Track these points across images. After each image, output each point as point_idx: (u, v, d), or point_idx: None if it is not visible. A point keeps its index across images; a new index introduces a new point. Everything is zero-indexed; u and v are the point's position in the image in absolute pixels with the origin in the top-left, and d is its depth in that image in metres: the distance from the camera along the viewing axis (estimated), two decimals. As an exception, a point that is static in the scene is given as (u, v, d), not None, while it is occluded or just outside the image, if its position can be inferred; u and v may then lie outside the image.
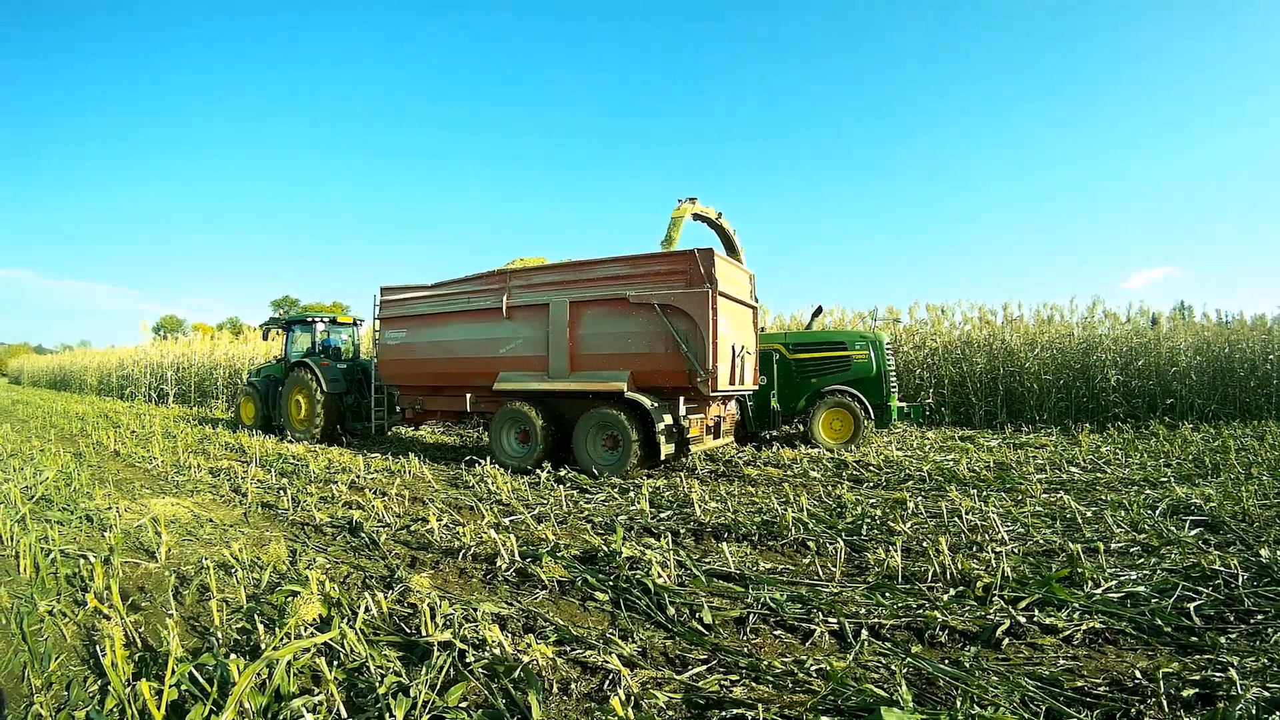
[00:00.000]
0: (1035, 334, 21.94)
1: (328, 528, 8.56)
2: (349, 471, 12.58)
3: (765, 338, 17.31)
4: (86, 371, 56.81)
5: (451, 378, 15.42)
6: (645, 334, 12.60)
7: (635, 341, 12.71)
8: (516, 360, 14.08)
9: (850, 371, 16.67)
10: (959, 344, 22.63)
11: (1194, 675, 4.03)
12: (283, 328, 22.13)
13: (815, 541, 7.34)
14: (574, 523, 8.66)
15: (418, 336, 15.96)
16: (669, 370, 12.38)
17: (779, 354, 17.21)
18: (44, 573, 6.38)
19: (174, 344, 44.83)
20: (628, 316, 12.76)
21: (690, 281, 12.23)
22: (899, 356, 23.02)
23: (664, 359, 12.40)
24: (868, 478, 11.32)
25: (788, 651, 4.73)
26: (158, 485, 11.64)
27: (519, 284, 14.13)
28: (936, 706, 3.79)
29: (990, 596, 5.42)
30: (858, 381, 16.55)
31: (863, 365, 16.59)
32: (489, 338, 14.49)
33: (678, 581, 6.10)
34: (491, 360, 14.39)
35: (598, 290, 13.11)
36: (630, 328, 12.75)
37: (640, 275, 12.77)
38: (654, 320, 12.46)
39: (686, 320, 12.15)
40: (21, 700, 4.21)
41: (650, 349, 12.55)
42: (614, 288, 12.91)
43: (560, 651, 4.64)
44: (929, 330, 23.37)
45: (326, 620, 5.00)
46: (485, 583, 6.44)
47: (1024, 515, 8.09)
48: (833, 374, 16.80)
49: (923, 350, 22.98)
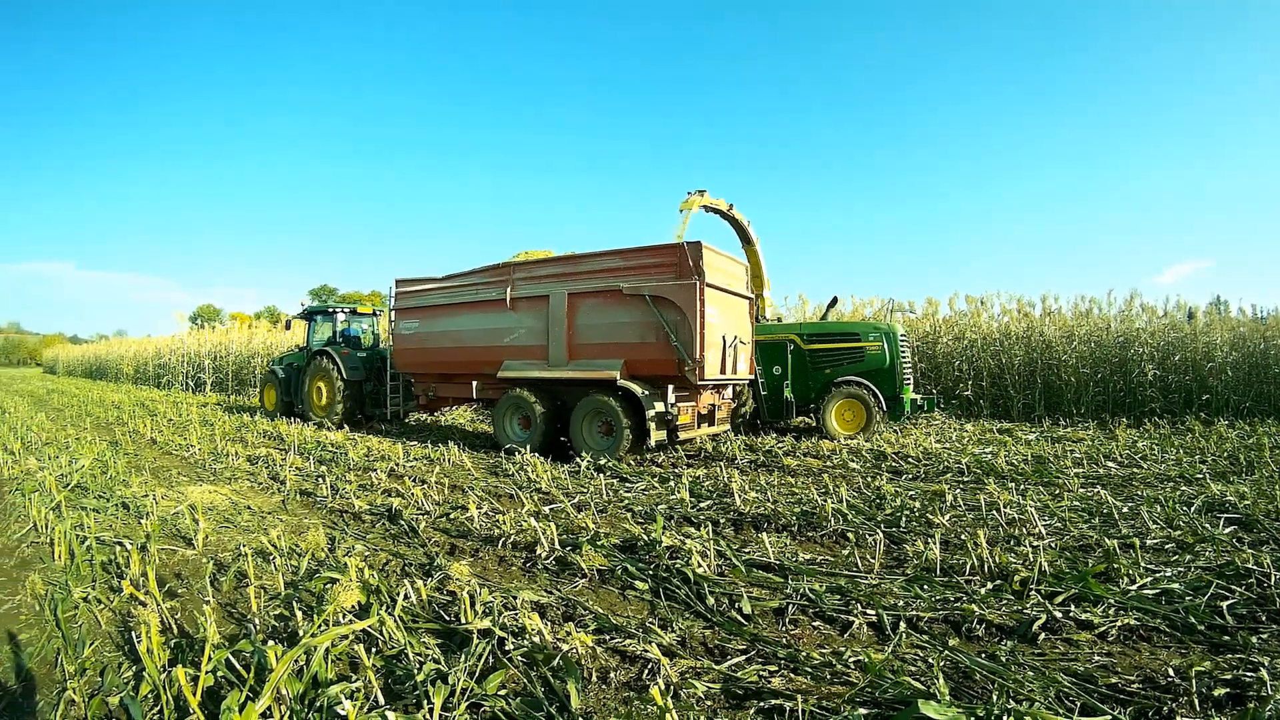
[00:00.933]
0: (1073, 326, 21.72)
1: (366, 515, 8.60)
2: (388, 459, 12.66)
3: (780, 328, 17.96)
4: (123, 361, 57.09)
5: (461, 365, 16.26)
6: (637, 324, 13.14)
7: (628, 331, 13.28)
8: (519, 349, 14.77)
9: (864, 363, 16.87)
10: (998, 336, 22.43)
11: (1225, 674, 4.01)
12: (305, 318, 23.16)
13: (854, 533, 7.32)
14: (614, 512, 8.67)
15: (430, 326, 16.83)
16: (659, 359, 12.91)
17: (794, 344, 17.44)
18: (79, 560, 6.42)
19: (211, 333, 45.21)
20: (621, 307, 13.33)
21: (679, 274, 12.73)
22: (937, 348, 23.13)
23: (655, 348, 12.92)
24: (907, 469, 11.31)
25: (826, 643, 4.73)
26: (195, 473, 11.71)
27: (521, 276, 14.84)
28: (973, 700, 3.78)
29: (1027, 591, 5.40)
30: (871, 373, 16.73)
31: (876, 356, 16.76)
32: (494, 327, 15.21)
33: (717, 571, 6.11)
34: (497, 349, 15.12)
35: (593, 282, 13.72)
36: (623, 318, 13.33)
37: (633, 268, 13.34)
38: (645, 311, 12.97)
39: (675, 311, 12.63)
40: (54, 686, 4.24)
41: (642, 339, 13.10)
42: (608, 280, 13.50)
43: (600, 640, 4.64)
44: (968, 322, 23.17)
45: (365, 607, 5.03)
46: (525, 571, 6.45)
47: (1061, 509, 8.04)
48: (846, 365, 17.02)
49: (962, 342, 22.80)
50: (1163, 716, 3.65)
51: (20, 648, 4.81)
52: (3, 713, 3.97)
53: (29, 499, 8.63)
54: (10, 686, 4.27)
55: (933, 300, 24.05)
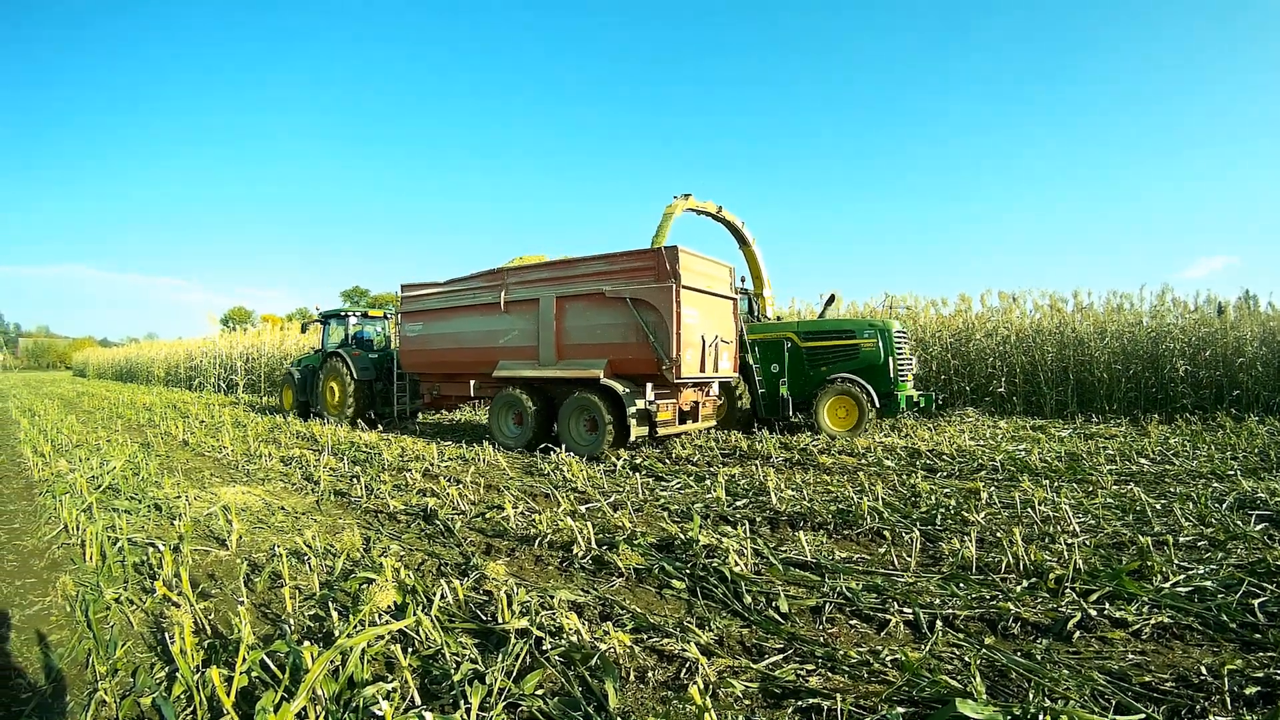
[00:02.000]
0: (1105, 322, 21.57)
1: (402, 515, 8.62)
2: (423, 460, 12.71)
3: (778, 326, 18.33)
4: (154, 363, 57.42)
5: (460, 366, 17.26)
6: (619, 325, 13.86)
7: (611, 332, 14.01)
8: (513, 350, 15.65)
9: (858, 360, 17.00)
10: (1031, 332, 22.31)
11: (1257, 673, 3.99)
12: (320, 321, 24.23)
13: (890, 531, 7.32)
14: (650, 510, 8.68)
15: (432, 328, 17.86)
16: (640, 359, 13.57)
17: (791, 342, 17.71)
18: (110, 561, 6.46)
19: (243, 335, 45.40)
20: (605, 310, 14.07)
21: (657, 277, 13.34)
22: (970, 344, 23.03)
23: (635, 348, 13.60)
24: (941, 467, 11.28)
25: (863, 641, 4.72)
26: (228, 474, 11.76)
27: (515, 280, 15.64)
28: (1009, 699, 3.79)
29: (1062, 589, 5.40)
30: (866, 369, 16.86)
31: (871, 353, 16.88)
32: (490, 329, 16.16)
33: (754, 570, 6.11)
34: (492, 350, 16.06)
35: (580, 286, 14.44)
36: (607, 320, 14.06)
37: (615, 272, 14.00)
38: (627, 313, 13.69)
39: (654, 312, 13.32)
40: (85, 687, 4.25)
41: (624, 339, 13.79)
42: (593, 284, 14.24)
43: (637, 639, 4.65)
44: (1000, 318, 23.07)
45: (401, 607, 5.07)
46: (561, 570, 6.46)
47: (1095, 507, 8.02)
48: (842, 362, 17.17)
49: (994, 338, 22.70)
50: (1195, 715, 3.65)
51: (50, 648, 4.84)
52: (33, 713, 3.99)
53: (60, 501, 8.72)
54: (40, 687, 4.29)
55: (965, 297, 23.95)
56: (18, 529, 8.14)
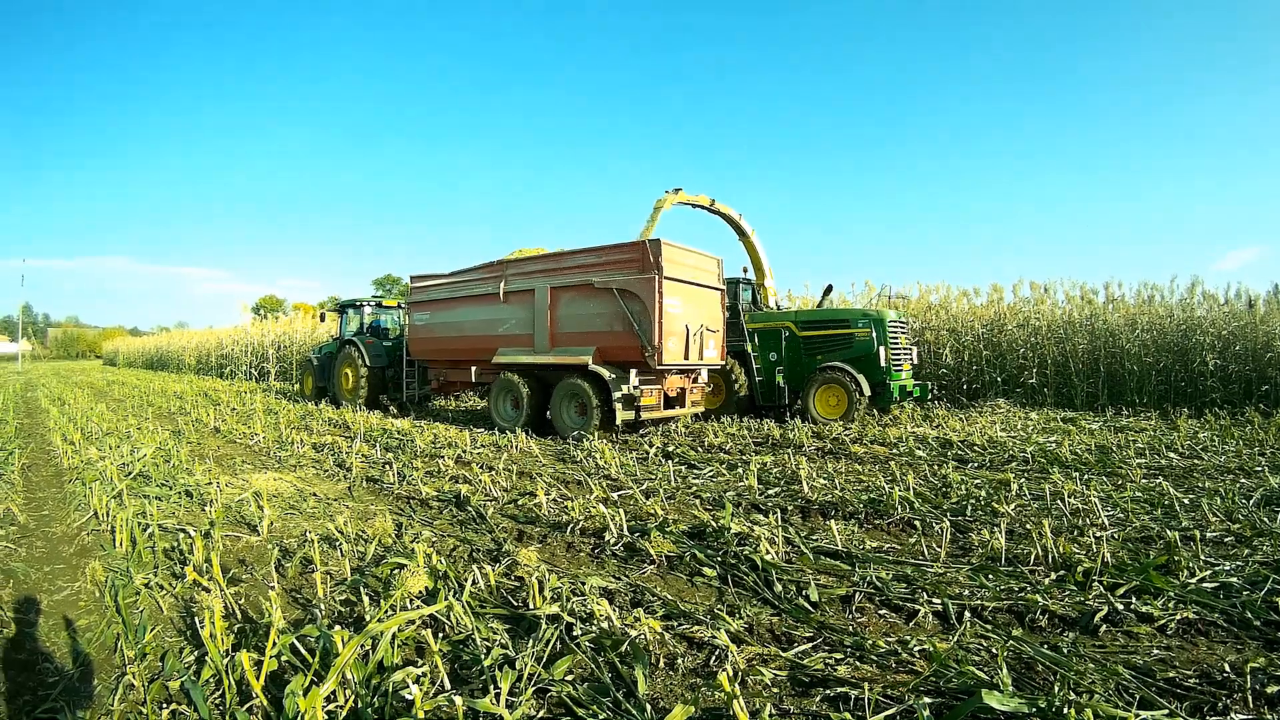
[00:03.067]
0: (1136, 314, 21.45)
1: (434, 502, 8.67)
2: (455, 446, 12.84)
3: (777, 316, 19.08)
4: (185, 352, 57.61)
5: (463, 353, 18.27)
6: (607, 314, 14.68)
7: (599, 321, 14.84)
8: (511, 338, 16.60)
9: (852, 349, 17.49)
10: (1062, 323, 22.22)
11: (1279, 671, 3.99)
12: (338, 311, 25.71)
13: (921, 521, 7.32)
14: (682, 498, 8.72)
15: (437, 318, 19.16)
16: (625, 346, 14.35)
17: (789, 331, 18.37)
18: (141, 547, 6.49)
19: (274, 323, 45.57)
20: (594, 299, 14.91)
21: (641, 268, 14.13)
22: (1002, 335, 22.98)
23: (622, 336, 14.39)
24: (973, 458, 11.28)
25: (892, 631, 4.75)
26: (259, 461, 11.83)
27: (513, 272, 16.66)
28: (1035, 691, 3.79)
29: (1090, 582, 5.39)
30: (859, 359, 17.32)
31: (864, 343, 17.35)
32: (490, 318, 17.16)
33: (785, 558, 6.13)
34: (492, 338, 17.03)
35: (571, 277, 15.36)
36: (596, 309, 14.90)
37: (604, 264, 14.87)
38: (613, 302, 14.49)
39: (638, 302, 14.10)
40: (113, 671, 4.28)
41: (611, 327, 14.61)
42: (583, 275, 15.12)
43: (667, 626, 4.68)
44: (1031, 309, 22.93)
45: (432, 593, 5.11)
46: (593, 557, 6.51)
47: (1124, 500, 7.98)
48: (837, 351, 17.69)
49: (1026, 329, 22.62)
50: (1217, 712, 3.65)
51: (78, 633, 4.88)
52: (59, 696, 4.01)
53: (89, 488, 8.77)
54: (67, 671, 4.32)
55: (997, 287, 23.87)
56: (47, 515, 8.21)
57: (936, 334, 23.60)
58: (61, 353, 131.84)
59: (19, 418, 19.16)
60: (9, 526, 7.55)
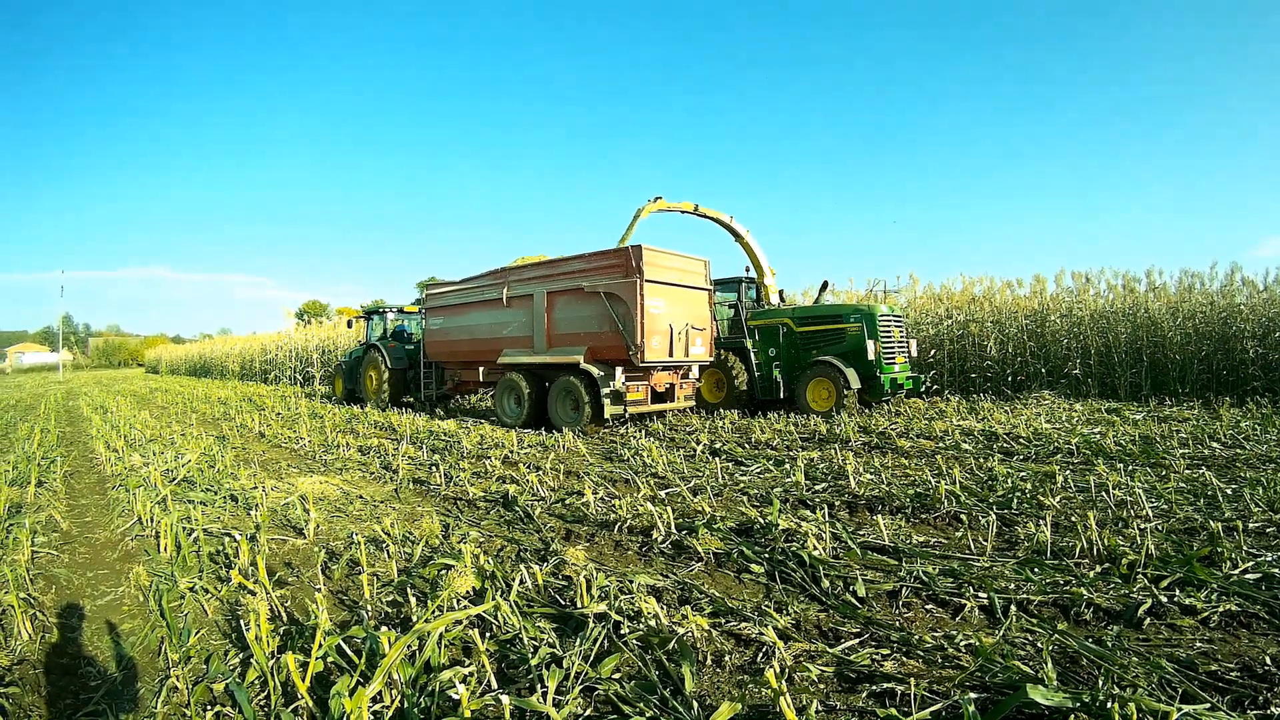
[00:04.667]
0: (1177, 302, 21.26)
1: (481, 502, 8.72)
2: (502, 447, 12.93)
3: (775, 313, 20.02)
4: (228, 358, 57.92)
5: (472, 354, 19.64)
6: (596, 316, 15.76)
7: (590, 322, 15.94)
8: (513, 340, 17.90)
9: (845, 343, 18.31)
10: (1104, 313, 22.11)
11: (1320, 665, 3.95)
12: (364, 317, 27.83)
13: (967, 514, 7.31)
14: (729, 495, 8.71)
15: (449, 322, 20.43)
16: (612, 345, 15.43)
17: (786, 327, 19.36)
18: (185, 551, 6.54)
19: (319, 327, 45.93)
20: (584, 302, 16.02)
21: (625, 273, 15.17)
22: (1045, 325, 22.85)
23: (609, 336, 15.48)
24: (1018, 450, 11.23)
25: (938, 626, 4.75)
26: (305, 465, 11.91)
27: (515, 278, 17.87)
28: (1079, 685, 3.80)
29: (1134, 574, 5.38)
30: (850, 353, 18.10)
31: (855, 337, 18.09)
32: (495, 322, 18.49)
33: (832, 554, 6.14)
34: (497, 340, 18.38)
35: (565, 282, 16.50)
36: (586, 311, 16.02)
37: (592, 269, 15.97)
38: (601, 305, 15.56)
39: (622, 304, 15.15)
40: (156, 674, 4.34)
41: (600, 328, 15.68)
42: (575, 280, 16.25)
43: (715, 623, 4.69)
44: (1074, 299, 22.84)
45: (479, 593, 5.17)
46: (641, 555, 6.54)
47: (1167, 491, 7.95)
48: (831, 345, 18.55)
49: (1069, 320, 22.52)
50: (1258, 706, 3.63)
51: (121, 637, 4.95)
52: (102, 700, 4.06)
53: (133, 494, 8.84)
54: (110, 674, 4.39)
55: (1040, 278, 23.58)
56: (89, 522, 8.35)
57: (981, 326, 23.49)
58: (103, 361, 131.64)
59: (61, 426, 19.42)
60: (52, 533, 7.68)
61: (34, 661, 4.58)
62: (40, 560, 6.70)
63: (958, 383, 23.60)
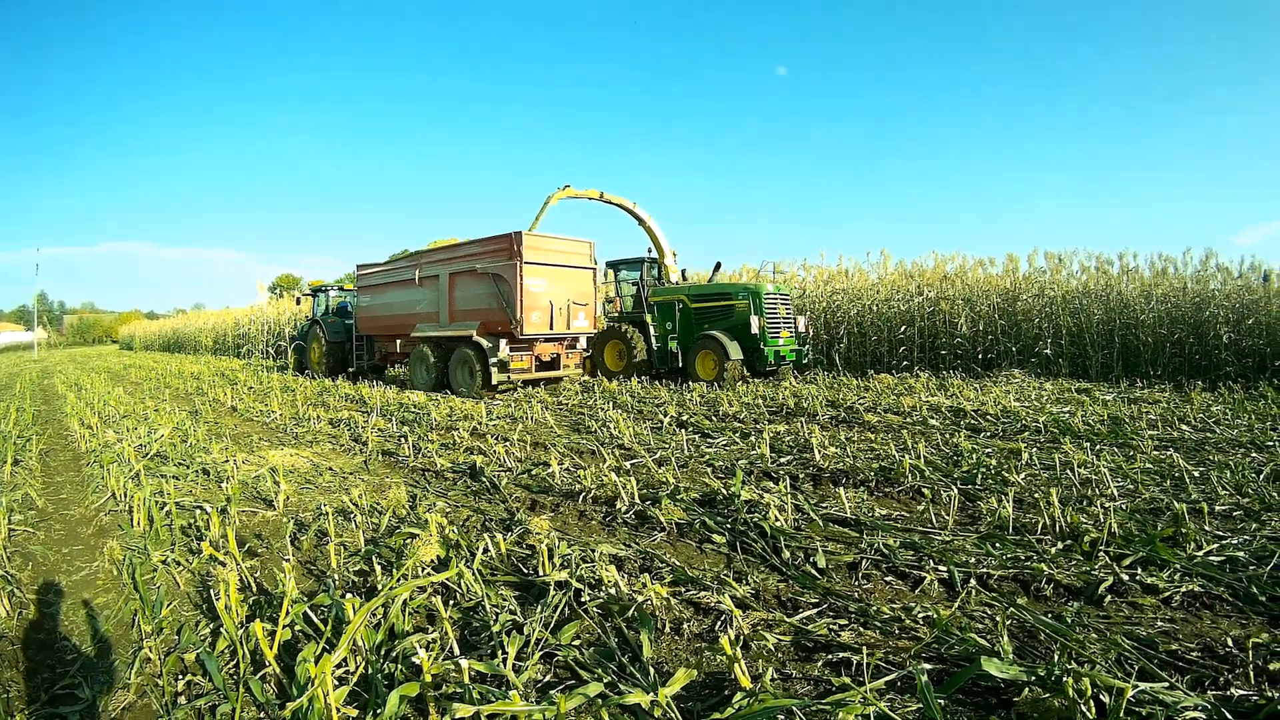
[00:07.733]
0: (1150, 285, 21.28)
1: (448, 473, 8.80)
2: (471, 419, 13.07)
3: (673, 290, 22.05)
4: (201, 333, 57.99)
5: (393, 328, 22.24)
6: (486, 294, 18.17)
7: (481, 300, 18.38)
8: (424, 316, 20.48)
9: (733, 319, 20.02)
10: (1077, 294, 22.20)
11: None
12: (311, 294, 30.42)
13: (930, 489, 7.29)
14: (695, 466, 8.81)
15: (374, 300, 23.17)
16: (499, 319, 17.83)
17: (682, 304, 21.27)
18: (158, 525, 6.56)
19: (290, 301, 45.71)
20: (478, 282, 18.49)
21: (509, 256, 17.55)
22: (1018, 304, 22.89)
23: (496, 312, 17.89)
24: (985, 427, 11.28)
25: (897, 598, 4.78)
26: (276, 438, 12.00)
27: (426, 261, 20.52)
28: (1035, 660, 3.81)
29: (1096, 552, 5.39)
30: (736, 327, 19.81)
31: (743, 313, 19.77)
32: (411, 299, 21.04)
33: (794, 525, 6.15)
34: (412, 316, 20.94)
35: (463, 264, 19.09)
36: (478, 290, 18.47)
37: (484, 253, 18.44)
38: (490, 284, 18.01)
39: (506, 284, 17.60)
40: (130, 646, 4.34)
41: (489, 305, 18.08)
42: (471, 262, 18.77)
43: (675, 592, 4.74)
44: (1047, 279, 22.94)
45: (444, 561, 5.21)
46: (604, 525, 6.58)
47: (1134, 471, 7.95)
48: (720, 321, 20.30)
49: (1041, 299, 22.63)
50: (1218, 687, 3.64)
51: (96, 611, 4.95)
52: (78, 673, 4.07)
53: (107, 470, 8.82)
54: (85, 649, 4.40)
55: (1013, 257, 23.83)
56: (64, 499, 8.32)
57: (952, 304, 23.53)
58: (77, 339, 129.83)
59: (36, 404, 19.33)
60: (28, 511, 7.63)
61: (12, 638, 4.57)
62: (17, 538, 6.66)
63: (928, 359, 23.73)
